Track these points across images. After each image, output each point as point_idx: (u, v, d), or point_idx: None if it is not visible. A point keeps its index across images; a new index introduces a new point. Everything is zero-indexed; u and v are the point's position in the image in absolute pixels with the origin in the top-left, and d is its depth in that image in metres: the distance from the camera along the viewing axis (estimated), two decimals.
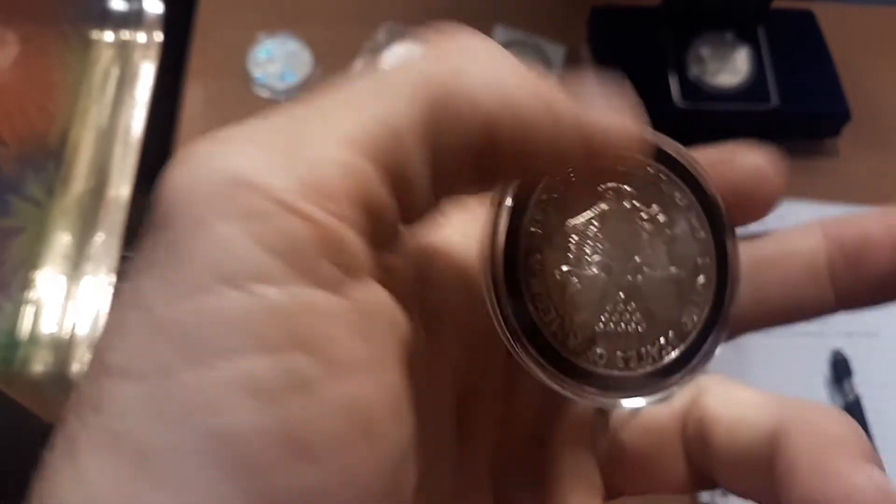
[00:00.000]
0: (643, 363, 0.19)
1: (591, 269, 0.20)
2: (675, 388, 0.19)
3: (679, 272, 0.20)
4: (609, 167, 0.19)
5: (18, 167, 0.48)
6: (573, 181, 0.19)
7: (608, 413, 0.21)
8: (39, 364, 0.47)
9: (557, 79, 0.17)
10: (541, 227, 0.19)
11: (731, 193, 0.20)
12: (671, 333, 0.19)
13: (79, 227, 0.52)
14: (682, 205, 0.20)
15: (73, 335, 0.49)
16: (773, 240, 0.21)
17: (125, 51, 0.59)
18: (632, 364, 0.19)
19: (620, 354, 0.19)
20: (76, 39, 0.56)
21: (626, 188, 0.20)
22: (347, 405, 0.14)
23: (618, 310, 0.20)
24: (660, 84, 0.58)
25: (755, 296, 0.20)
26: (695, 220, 0.20)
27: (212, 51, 0.62)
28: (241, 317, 0.13)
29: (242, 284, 0.13)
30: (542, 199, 0.19)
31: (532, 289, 0.19)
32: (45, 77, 0.52)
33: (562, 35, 0.64)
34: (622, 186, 0.20)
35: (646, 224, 0.20)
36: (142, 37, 0.60)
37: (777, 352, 0.52)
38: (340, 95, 0.16)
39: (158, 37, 0.61)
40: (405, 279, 0.18)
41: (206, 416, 0.13)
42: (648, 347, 0.19)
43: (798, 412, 0.18)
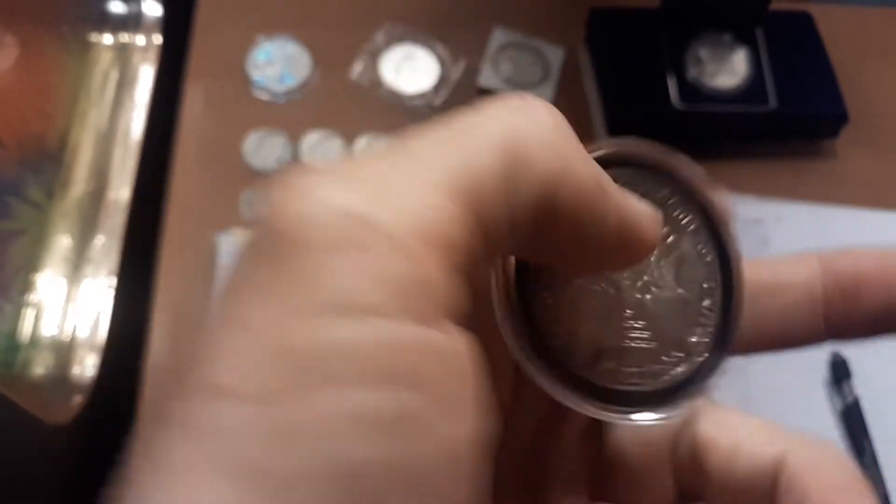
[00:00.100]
0: (649, 380, 0.19)
1: (600, 285, 0.20)
2: (681, 407, 0.19)
3: (686, 293, 0.20)
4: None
5: (18, 170, 0.48)
6: None
7: (605, 426, 0.21)
8: (40, 367, 0.47)
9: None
10: None
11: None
12: (677, 352, 0.20)
13: (79, 230, 0.52)
14: (691, 228, 0.20)
15: (74, 338, 0.49)
16: (771, 267, 0.21)
17: (124, 53, 0.59)
18: (638, 380, 0.19)
19: (627, 370, 0.19)
20: (75, 42, 0.56)
21: None
22: (457, 445, 0.14)
23: (625, 326, 0.20)
24: (658, 85, 0.58)
25: (751, 322, 0.20)
26: (702, 244, 0.20)
27: (211, 53, 0.62)
28: (357, 348, 0.14)
29: (358, 316, 0.14)
30: None
31: (542, 300, 0.19)
32: (45, 79, 0.52)
33: (560, 36, 0.64)
34: None
35: None
36: (141, 39, 0.60)
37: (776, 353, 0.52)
38: (433, 140, 0.16)
39: (157, 39, 0.61)
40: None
41: (323, 443, 0.13)
42: (654, 365, 0.20)
43: (805, 451, 0.18)
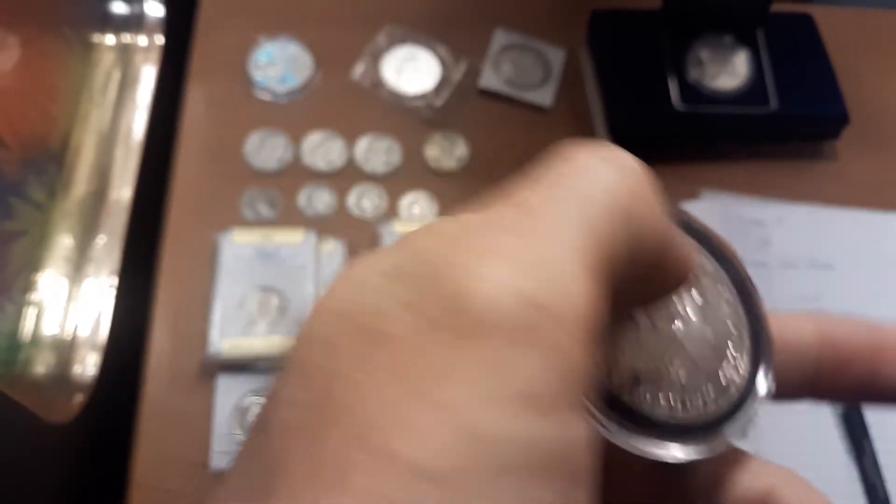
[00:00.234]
0: (684, 410, 0.20)
1: (638, 317, 0.20)
2: (714, 444, 0.19)
3: (713, 333, 0.20)
4: None
5: (20, 170, 0.48)
6: None
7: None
8: (41, 366, 0.47)
9: None
10: None
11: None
12: (710, 388, 0.20)
13: (80, 230, 0.52)
14: (712, 273, 0.21)
15: (75, 337, 0.50)
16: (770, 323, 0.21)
17: (126, 54, 0.59)
18: (673, 410, 0.20)
19: (663, 397, 0.20)
20: (77, 43, 0.56)
21: None
22: None
23: (663, 357, 0.20)
24: (659, 87, 0.59)
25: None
26: (723, 287, 0.21)
27: (213, 54, 0.62)
28: (539, 442, 0.14)
29: (542, 410, 0.14)
30: None
31: None
32: (47, 80, 0.52)
33: (562, 38, 0.64)
34: None
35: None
36: (143, 40, 0.60)
37: None
38: (556, 206, 0.16)
39: (159, 40, 0.61)
40: None
41: None
42: (689, 398, 0.20)
43: (791, 486, 0.19)
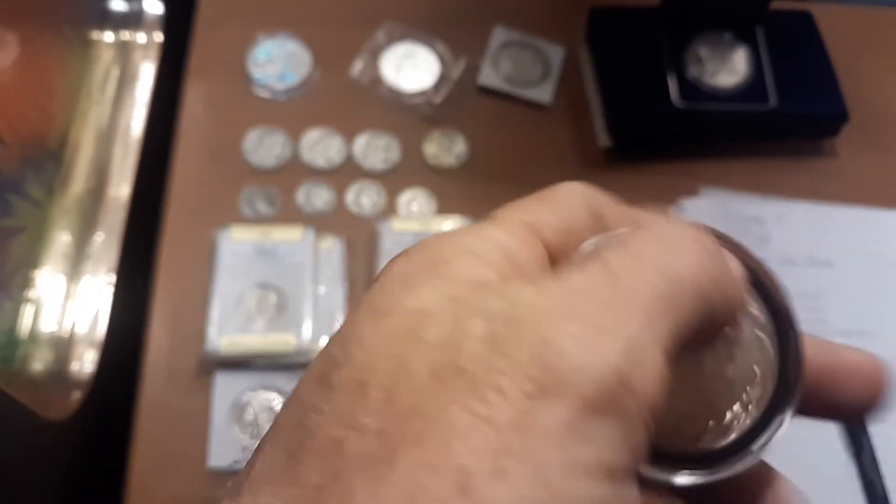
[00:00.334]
0: (677, 440, 0.20)
1: None
2: (728, 469, 0.20)
3: (733, 372, 0.20)
4: None
5: (19, 167, 0.48)
6: None
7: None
8: (39, 362, 0.47)
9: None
10: None
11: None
12: (711, 424, 0.20)
13: (78, 227, 0.52)
14: (754, 316, 0.21)
15: (73, 334, 0.50)
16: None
17: (125, 51, 0.59)
18: (669, 439, 0.19)
19: (689, 430, 0.20)
20: (76, 40, 0.56)
21: None
22: None
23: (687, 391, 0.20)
24: (658, 84, 0.58)
25: None
26: (761, 331, 0.21)
27: (211, 51, 0.62)
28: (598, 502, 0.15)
29: (612, 480, 0.15)
30: None
31: None
32: (46, 77, 0.52)
33: (561, 35, 0.64)
34: None
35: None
36: (142, 37, 0.60)
37: None
38: (641, 279, 0.17)
39: (158, 37, 0.61)
40: None
41: None
42: (685, 428, 0.20)
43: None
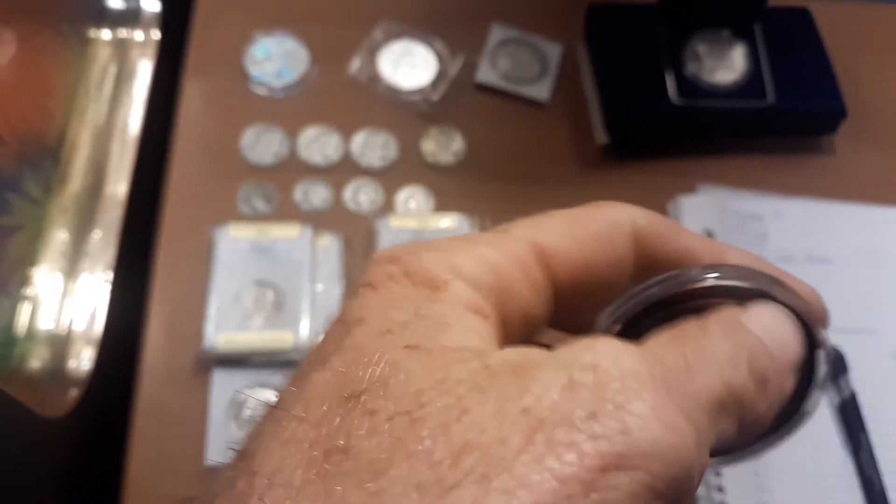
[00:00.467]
0: None
1: None
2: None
3: None
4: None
5: (16, 165, 0.48)
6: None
7: None
8: (36, 360, 0.47)
9: None
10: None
11: None
12: None
13: (76, 225, 0.52)
14: None
15: (70, 332, 0.50)
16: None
17: (123, 49, 0.59)
18: None
19: None
20: (74, 38, 0.56)
21: None
22: None
23: None
24: (656, 81, 0.58)
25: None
26: None
27: (209, 49, 0.62)
28: None
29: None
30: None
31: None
32: (43, 75, 0.52)
33: (559, 32, 0.64)
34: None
35: None
36: (139, 35, 0.60)
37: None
38: (708, 374, 0.19)
39: (156, 35, 0.61)
40: None
41: None
42: None
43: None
